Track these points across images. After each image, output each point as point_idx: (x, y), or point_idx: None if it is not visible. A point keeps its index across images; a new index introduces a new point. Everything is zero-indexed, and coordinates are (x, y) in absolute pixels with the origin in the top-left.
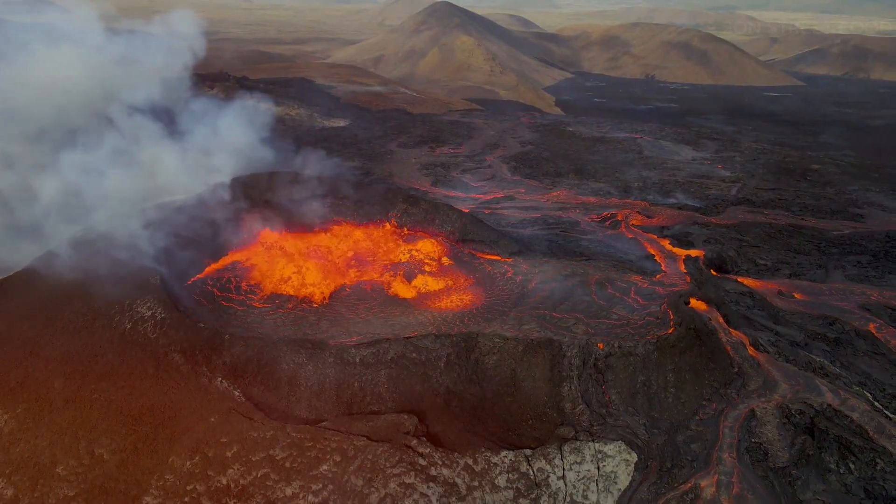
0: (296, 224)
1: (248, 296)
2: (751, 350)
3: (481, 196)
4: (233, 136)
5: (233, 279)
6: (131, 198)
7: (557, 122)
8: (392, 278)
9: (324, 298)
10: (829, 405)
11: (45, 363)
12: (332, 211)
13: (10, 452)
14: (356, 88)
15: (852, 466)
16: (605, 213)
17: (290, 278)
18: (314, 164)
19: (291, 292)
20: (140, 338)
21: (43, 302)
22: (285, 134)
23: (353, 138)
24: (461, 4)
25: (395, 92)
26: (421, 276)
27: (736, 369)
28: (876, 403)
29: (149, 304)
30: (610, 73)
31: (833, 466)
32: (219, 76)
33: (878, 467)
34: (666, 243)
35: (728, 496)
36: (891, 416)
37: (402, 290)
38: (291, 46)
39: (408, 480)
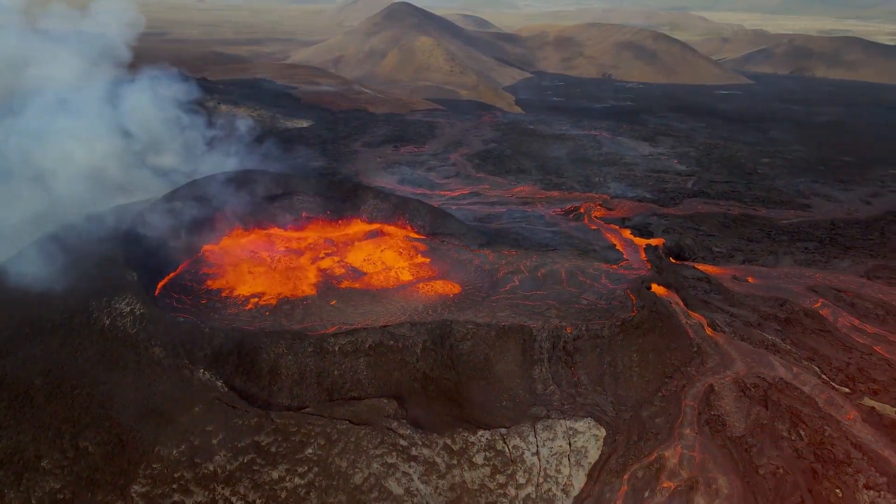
0: (266, 222)
1: (221, 295)
2: (708, 330)
3: (447, 193)
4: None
5: (203, 278)
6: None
7: (518, 121)
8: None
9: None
10: (781, 379)
11: (22, 361)
12: (303, 208)
13: None
14: (317, 89)
15: (802, 433)
16: (568, 207)
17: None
18: (279, 164)
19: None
20: (120, 333)
21: (16, 301)
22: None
23: (317, 139)
24: (419, 5)
25: (356, 92)
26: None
27: (695, 348)
28: (823, 376)
29: (127, 301)
30: (567, 72)
31: (785, 434)
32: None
33: (826, 434)
34: (627, 233)
35: (690, 465)
36: (837, 387)
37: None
38: (249, 47)
39: (390, 460)
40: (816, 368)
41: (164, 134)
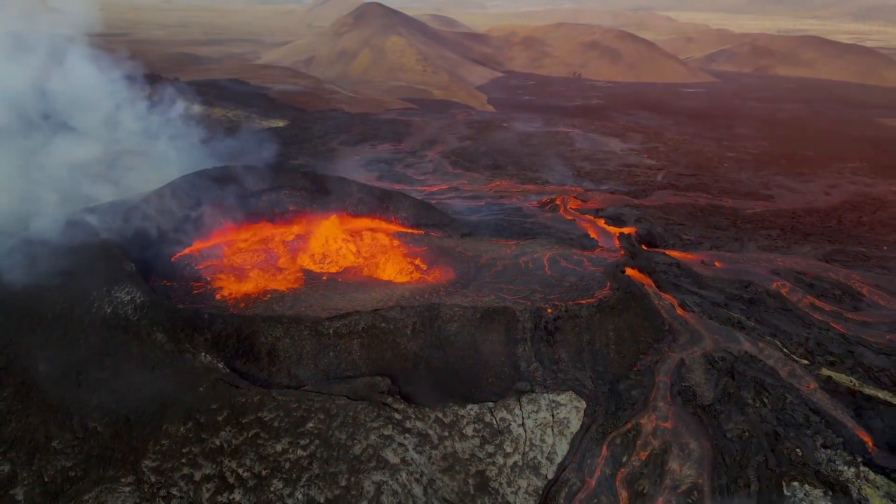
0: (254, 216)
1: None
2: (679, 310)
3: (426, 188)
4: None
5: (195, 270)
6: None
7: (492, 119)
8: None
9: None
10: (747, 352)
11: (25, 350)
12: (290, 202)
13: (2, 433)
14: (291, 89)
15: (766, 401)
16: (544, 199)
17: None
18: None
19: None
20: (121, 321)
21: (14, 295)
22: (226, 135)
23: (294, 138)
24: (389, 5)
25: (330, 92)
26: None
27: (667, 327)
28: (785, 350)
29: (127, 290)
30: (537, 71)
31: (750, 402)
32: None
33: (788, 401)
34: (601, 223)
35: (664, 431)
36: (797, 360)
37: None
38: (218, 48)
39: (386, 433)
40: (779, 343)
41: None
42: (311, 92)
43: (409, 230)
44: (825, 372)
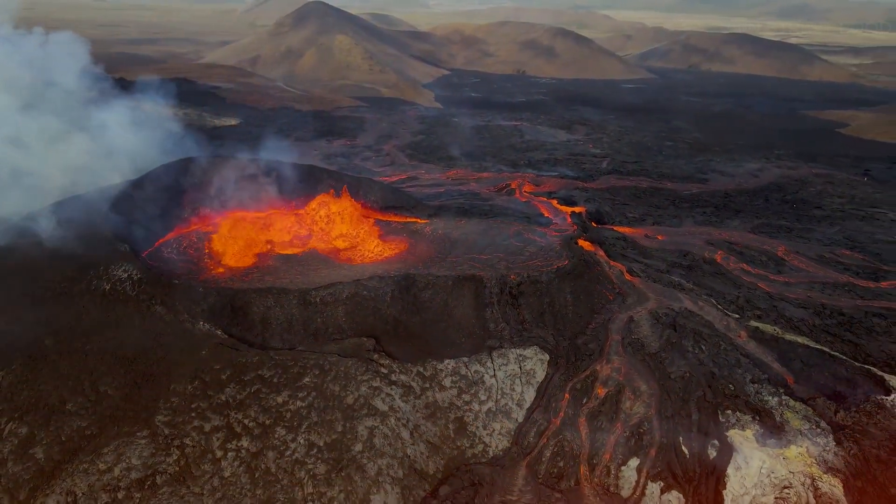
0: (233, 203)
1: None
2: (627, 276)
3: (386, 179)
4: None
5: (180, 251)
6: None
7: (442, 115)
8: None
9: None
10: (687, 309)
11: (31, 326)
12: (266, 190)
13: (16, 400)
14: (240, 88)
15: (703, 348)
16: (500, 185)
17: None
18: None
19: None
20: (121, 296)
21: (12, 274)
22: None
23: (248, 135)
24: (333, 4)
25: (280, 90)
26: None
27: (617, 290)
28: (719, 307)
29: (124, 268)
30: (482, 69)
31: (690, 349)
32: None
33: (722, 348)
34: (555, 203)
35: (617, 376)
36: (730, 314)
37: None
38: (159, 48)
39: (375, 384)
40: (714, 301)
41: None
42: (260, 91)
43: (380, 213)
44: (753, 323)
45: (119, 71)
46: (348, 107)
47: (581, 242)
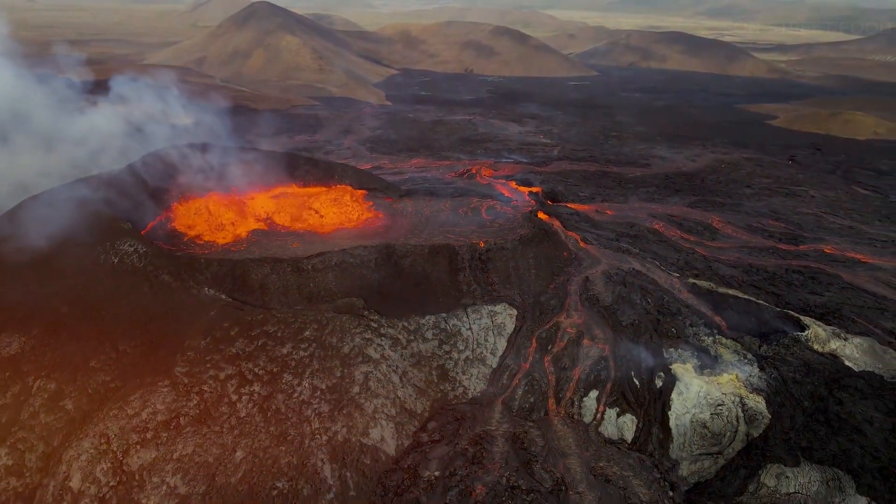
0: (220, 186)
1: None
2: (582, 244)
3: None
4: None
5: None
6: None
7: (397, 111)
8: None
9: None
10: (635, 269)
11: (45, 297)
12: (250, 174)
13: (41, 362)
14: (191, 88)
15: (649, 300)
16: (461, 170)
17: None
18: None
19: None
20: (129, 267)
21: (20, 253)
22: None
23: (209, 133)
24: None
25: (233, 90)
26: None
27: (573, 255)
28: (662, 267)
29: (129, 243)
30: (431, 68)
31: (638, 301)
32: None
33: (665, 300)
34: (513, 184)
35: (577, 325)
36: (672, 273)
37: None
38: (97, 49)
39: (367, 336)
40: (658, 263)
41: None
42: (211, 90)
43: (357, 193)
44: (691, 280)
45: (65, 73)
46: (303, 105)
47: (540, 215)
